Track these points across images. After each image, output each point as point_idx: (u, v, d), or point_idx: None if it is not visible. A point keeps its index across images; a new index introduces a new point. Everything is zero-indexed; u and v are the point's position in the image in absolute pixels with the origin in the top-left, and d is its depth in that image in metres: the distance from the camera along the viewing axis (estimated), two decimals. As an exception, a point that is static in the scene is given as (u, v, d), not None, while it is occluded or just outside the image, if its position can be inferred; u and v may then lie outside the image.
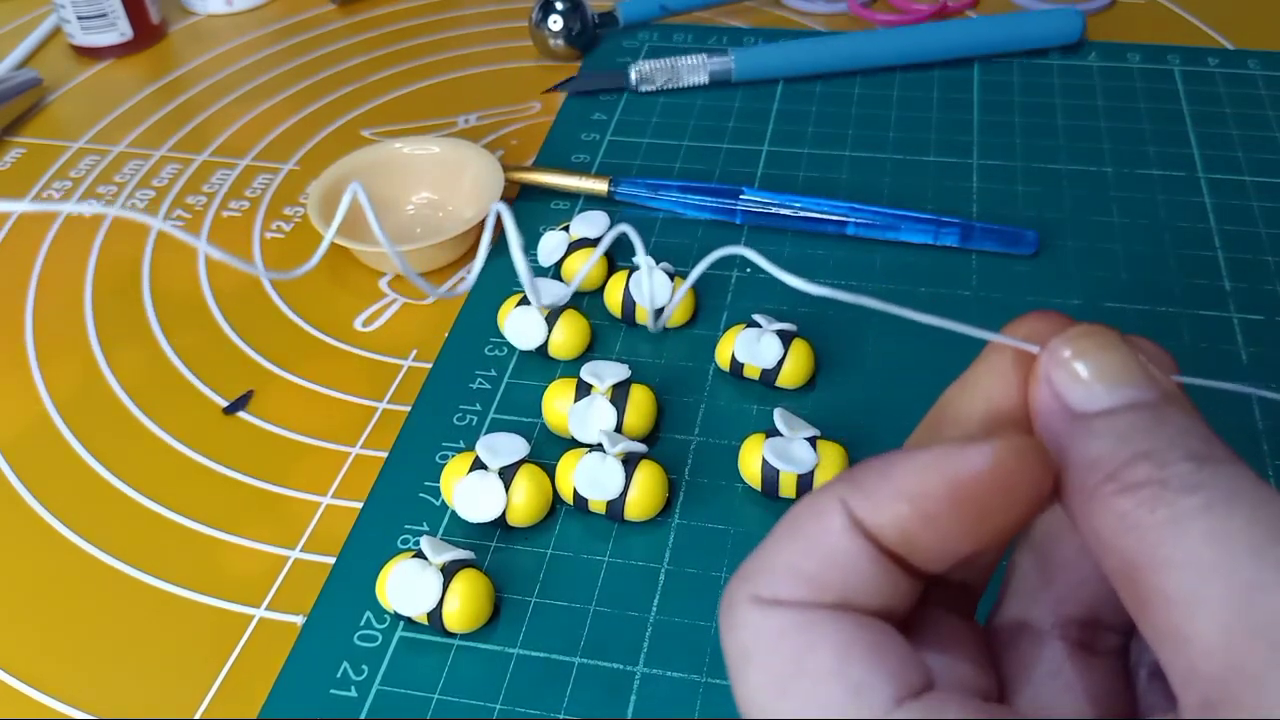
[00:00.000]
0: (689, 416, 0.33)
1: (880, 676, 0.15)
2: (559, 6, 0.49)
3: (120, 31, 0.54)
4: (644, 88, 0.46)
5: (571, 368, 0.34)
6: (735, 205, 0.39)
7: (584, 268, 0.22)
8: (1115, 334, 0.17)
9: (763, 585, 0.16)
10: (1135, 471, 0.15)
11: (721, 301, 0.37)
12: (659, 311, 0.34)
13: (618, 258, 0.38)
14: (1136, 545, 0.15)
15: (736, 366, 0.33)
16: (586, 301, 0.37)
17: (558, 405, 0.32)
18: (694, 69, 0.46)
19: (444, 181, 0.42)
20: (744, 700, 0.16)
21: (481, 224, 0.39)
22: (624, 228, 0.21)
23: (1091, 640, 0.18)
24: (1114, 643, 0.18)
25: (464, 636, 0.28)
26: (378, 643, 0.28)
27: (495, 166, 0.40)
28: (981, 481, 0.16)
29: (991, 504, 0.16)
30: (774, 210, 0.39)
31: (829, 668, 0.15)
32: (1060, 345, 0.17)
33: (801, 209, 0.39)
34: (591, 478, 0.29)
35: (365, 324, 0.38)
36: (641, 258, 0.22)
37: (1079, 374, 0.16)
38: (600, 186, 0.41)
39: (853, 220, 0.38)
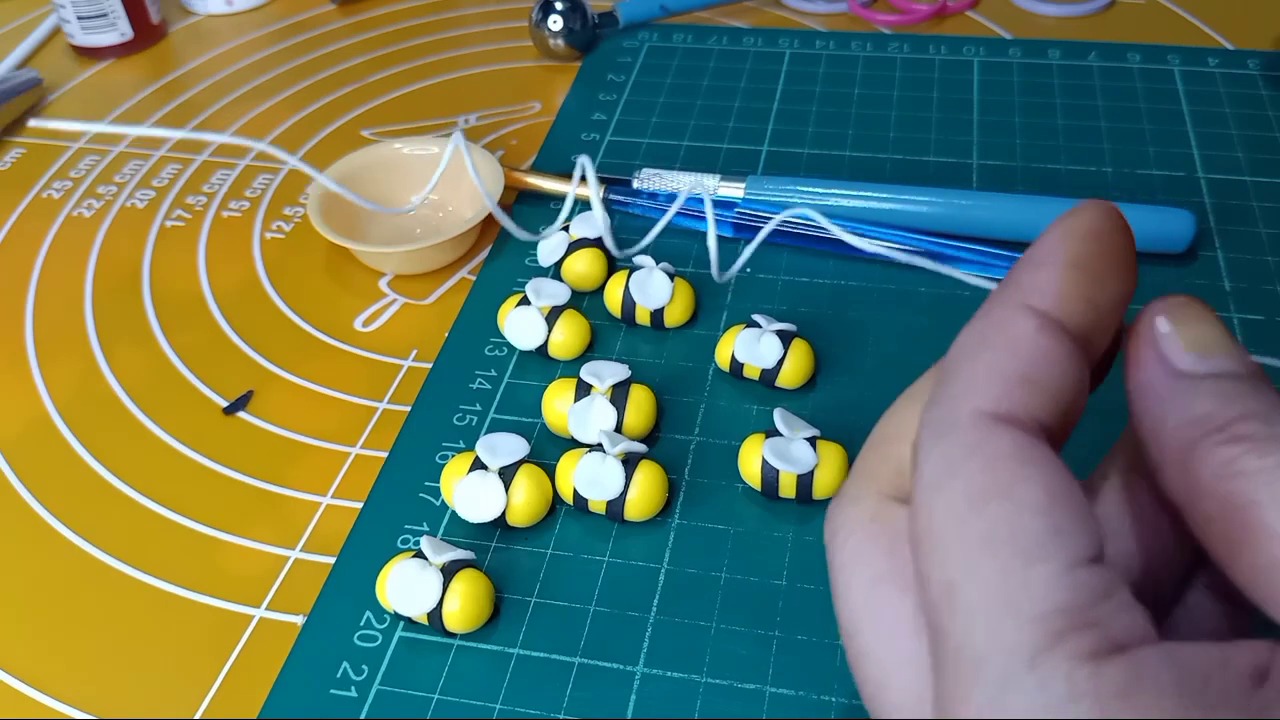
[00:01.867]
0: (689, 416, 0.33)
1: (1079, 529, 0.16)
2: (559, 6, 0.49)
3: (120, 31, 0.54)
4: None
5: (571, 368, 0.34)
6: (728, 216, 0.39)
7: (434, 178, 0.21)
8: (1208, 306, 0.18)
9: (985, 398, 0.17)
10: (1244, 426, 0.16)
11: (721, 301, 0.37)
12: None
13: (618, 258, 0.38)
14: (1242, 487, 0.16)
15: (736, 366, 0.33)
16: (586, 301, 0.37)
17: (558, 405, 0.32)
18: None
19: (444, 181, 0.42)
20: (938, 507, 0.16)
21: (480, 225, 0.39)
22: (582, 159, 0.22)
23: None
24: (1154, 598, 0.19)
25: (464, 636, 0.28)
26: (378, 643, 0.28)
27: (495, 166, 0.40)
28: (1111, 218, 0.18)
29: (1121, 245, 0.18)
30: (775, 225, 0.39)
31: (1037, 502, 0.16)
32: (1164, 307, 0.18)
33: (803, 223, 0.38)
34: (591, 478, 0.29)
35: (365, 324, 0.38)
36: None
37: (1181, 337, 0.18)
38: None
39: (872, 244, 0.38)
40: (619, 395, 0.31)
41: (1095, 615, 0.15)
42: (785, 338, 0.33)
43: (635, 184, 0.41)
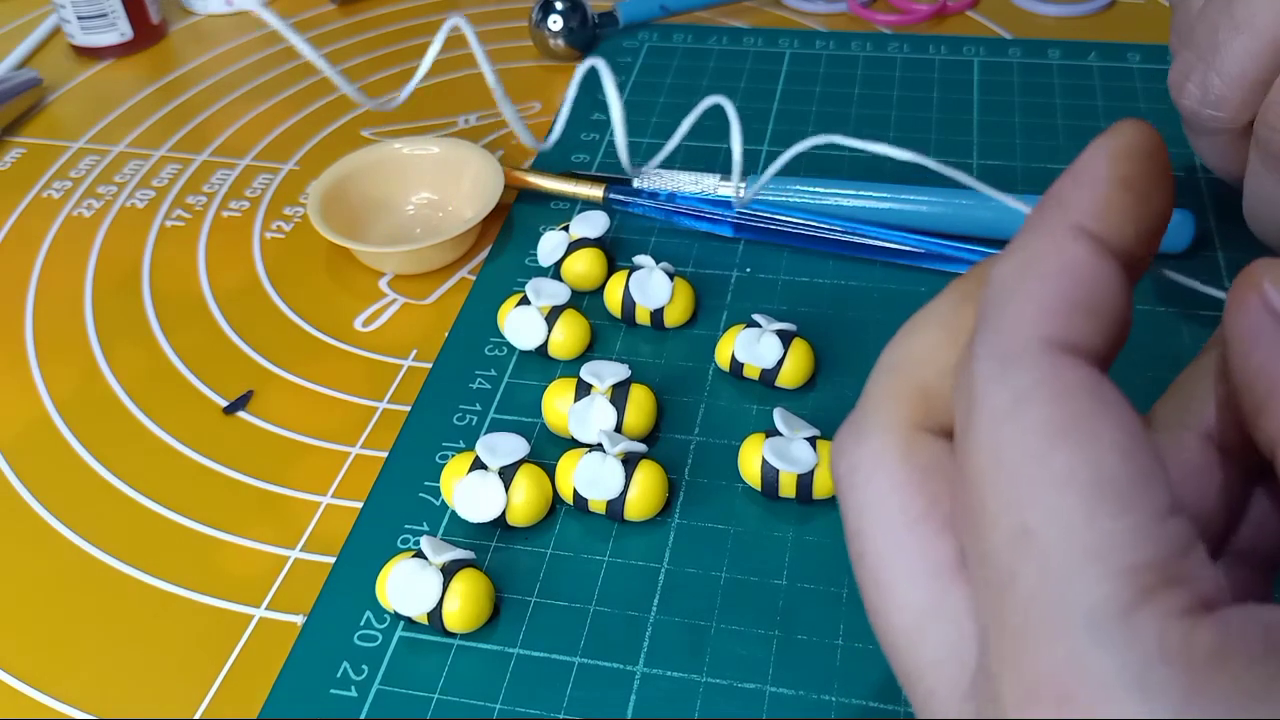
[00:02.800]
0: (689, 416, 0.33)
1: (1160, 477, 0.15)
2: (559, 6, 0.49)
3: (120, 31, 0.54)
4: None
5: (571, 368, 0.34)
6: (728, 216, 0.39)
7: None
8: None
9: (1049, 326, 0.15)
10: None
11: (721, 301, 0.37)
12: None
13: (618, 258, 0.38)
14: None
15: (736, 366, 0.34)
16: (586, 301, 0.37)
17: (558, 405, 0.32)
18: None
19: (444, 181, 0.42)
20: (1006, 440, 0.15)
21: (480, 225, 0.39)
22: (597, 62, 0.22)
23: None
24: None
25: (464, 636, 0.28)
26: (378, 643, 0.28)
27: (495, 166, 0.40)
28: (1152, 135, 0.17)
29: (1163, 163, 0.17)
30: (772, 226, 0.39)
31: (1118, 443, 0.15)
32: (1268, 266, 0.17)
33: (801, 223, 0.38)
34: (591, 478, 0.29)
35: (365, 324, 0.38)
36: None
37: None
38: (595, 192, 0.41)
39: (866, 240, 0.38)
40: (619, 395, 0.31)
41: (1183, 570, 0.14)
42: (785, 338, 0.33)
43: (636, 183, 0.41)
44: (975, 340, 0.16)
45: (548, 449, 0.32)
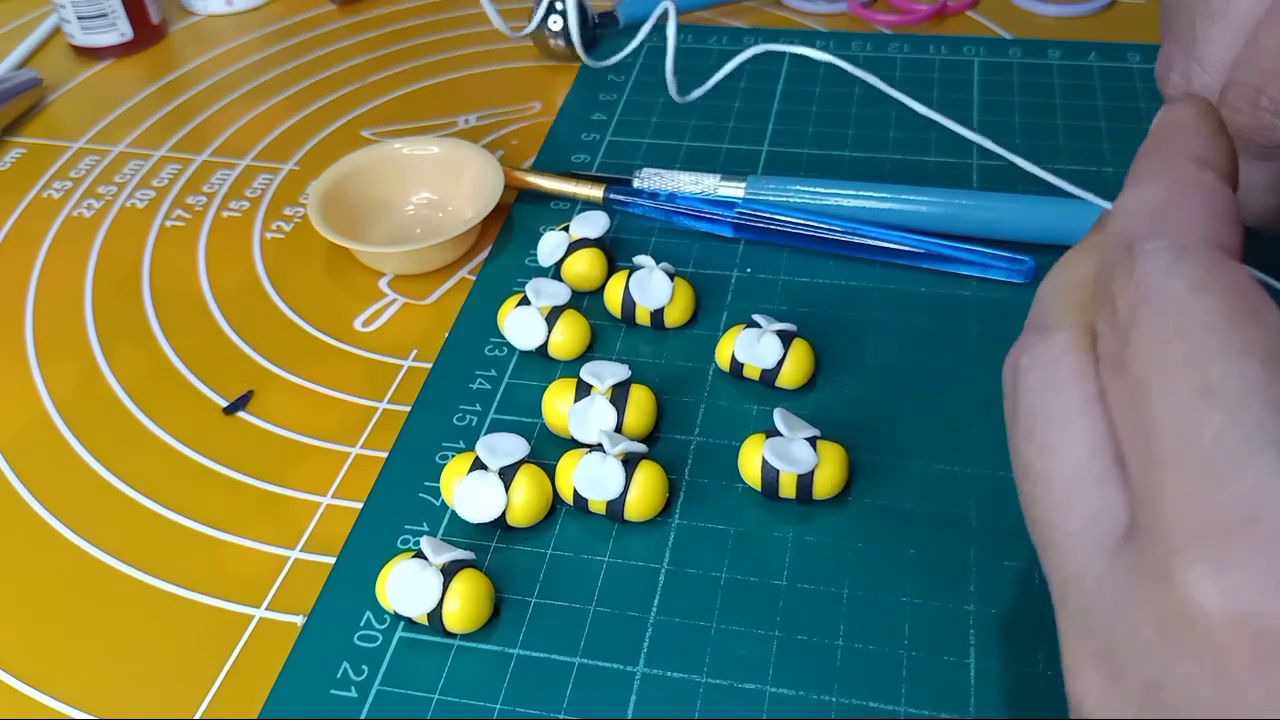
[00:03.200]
0: (689, 416, 0.33)
1: None
2: (559, 7, 0.49)
3: (120, 31, 0.54)
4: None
5: (571, 368, 0.34)
6: (728, 216, 0.39)
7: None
8: None
9: (1206, 230, 0.18)
10: None
11: (721, 301, 0.37)
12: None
13: (618, 258, 0.38)
14: None
15: (736, 366, 0.34)
16: (586, 301, 0.37)
17: (558, 405, 0.32)
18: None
19: (444, 181, 0.42)
20: (1184, 314, 0.17)
21: (480, 225, 0.39)
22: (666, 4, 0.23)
23: None
24: None
25: (464, 636, 0.28)
26: (378, 643, 0.28)
27: (495, 166, 0.40)
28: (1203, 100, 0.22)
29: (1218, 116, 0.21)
30: (772, 226, 0.39)
31: (1275, 319, 0.17)
32: None
33: (801, 223, 0.38)
34: (591, 478, 0.29)
35: (365, 324, 0.38)
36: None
37: None
38: (595, 192, 0.41)
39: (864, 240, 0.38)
40: (619, 395, 0.31)
41: None
42: (785, 338, 0.33)
43: (635, 183, 0.41)
44: (1136, 245, 0.18)
45: (548, 449, 0.32)
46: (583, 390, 0.32)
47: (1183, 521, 0.16)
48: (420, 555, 0.28)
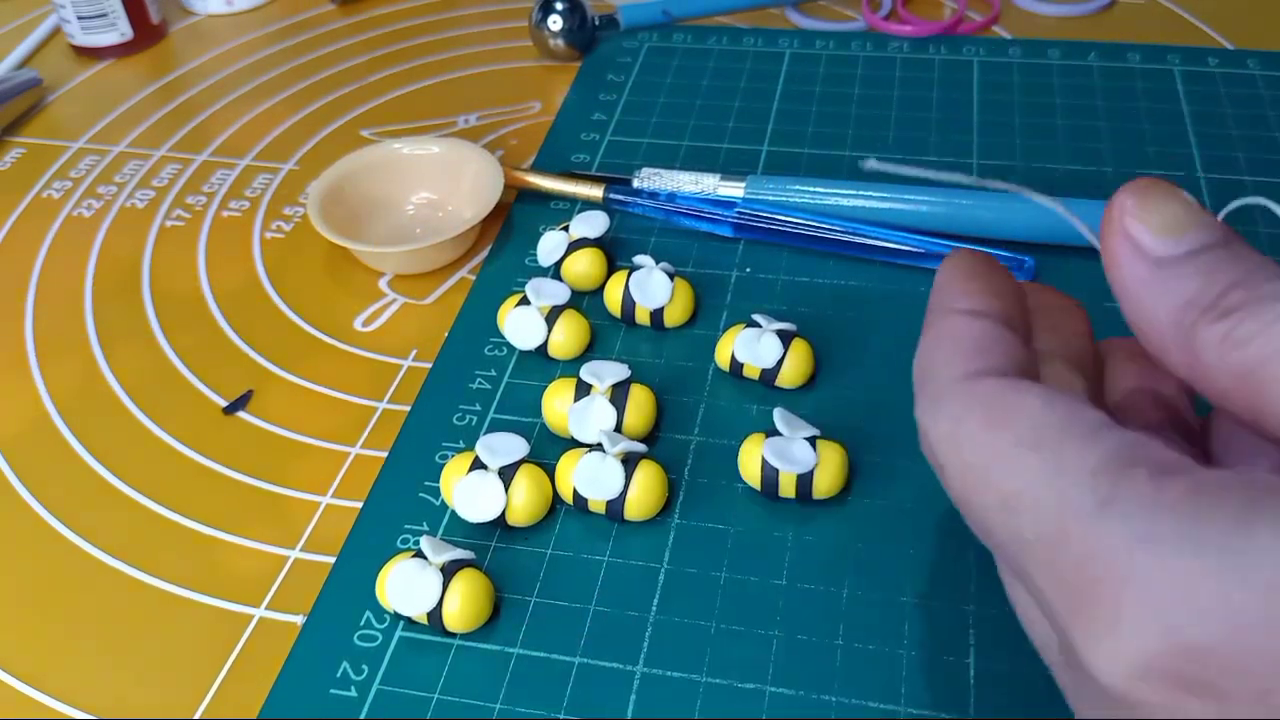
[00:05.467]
0: (689, 416, 0.33)
1: (1088, 410, 0.18)
2: (559, 6, 0.49)
3: (120, 31, 0.54)
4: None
5: (571, 368, 0.34)
6: (728, 216, 0.39)
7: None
8: (1171, 183, 0.19)
9: (954, 369, 0.20)
10: (1231, 298, 0.17)
11: (721, 301, 0.37)
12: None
13: (618, 258, 0.38)
14: (1247, 354, 0.17)
15: (736, 366, 0.33)
16: (587, 301, 0.37)
17: (558, 405, 0.32)
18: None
19: (444, 181, 0.42)
20: (961, 451, 0.19)
21: (480, 225, 0.39)
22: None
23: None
24: None
25: (464, 636, 0.28)
26: (378, 643, 0.28)
27: (495, 166, 0.40)
28: (967, 253, 0.23)
29: (984, 258, 0.22)
30: (772, 226, 0.39)
31: (1038, 405, 0.18)
32: (1128, 197, 0.19)
33: (801, 222, 0.38)
34: (591, 478, 0.29)
35: (365, 324, 0.38)
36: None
37: (1151, 224, 0.19)
38: (595, 192, 0.41)
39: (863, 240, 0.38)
40: (619, 395, 0.31)
41: (1136, 455, 0.16)
42: (785, 338, 0.33)
43: (635, 183, 0.41)
44: (916, 411, 0.20)
45: (548, 449, 0.32)
46: (582, 390, 0.32)
47: (1057, 611, 0.17)
48: (420, 555, 0.28)
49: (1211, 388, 0.18)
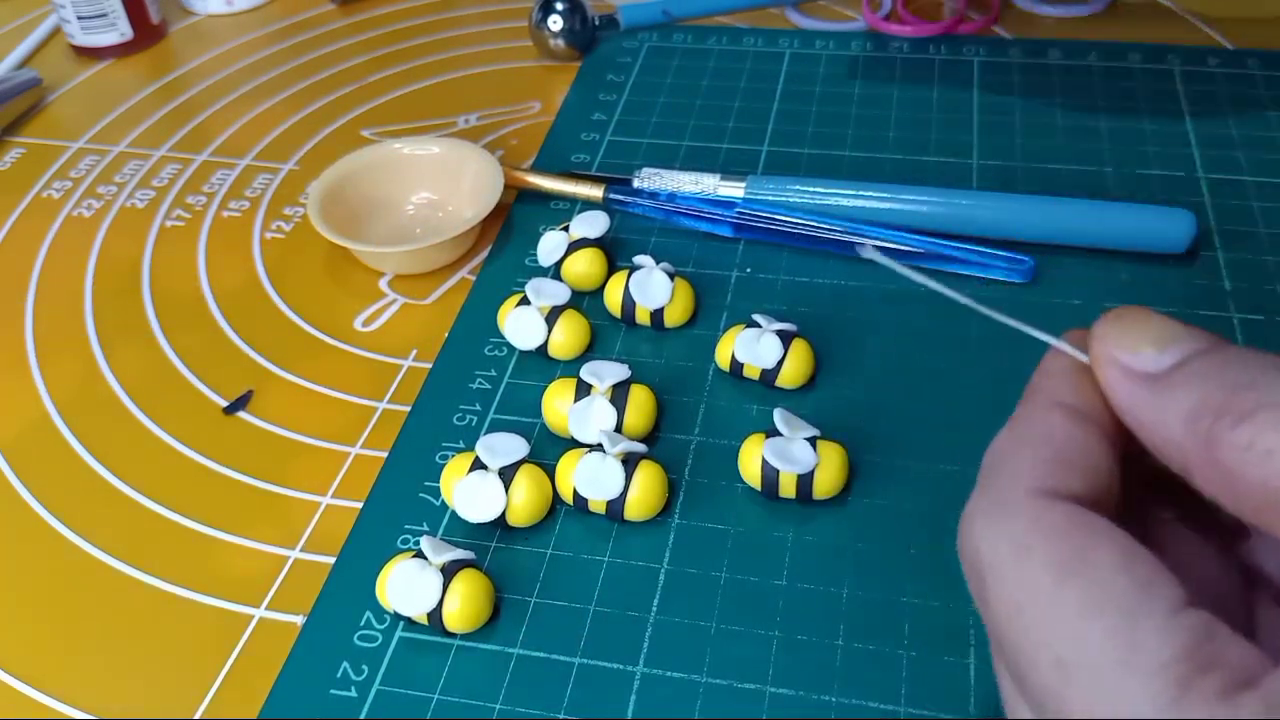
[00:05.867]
0: (689, 416, 0.33)
1: (1164, 578, 0.16)
2: (559, 6, 0.49)
3: (120, 31, 0.54)
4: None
5: (571, 368, 0.34)
6: (728, 216, 0.39)
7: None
8: (1143, 307, 0.19)
9: (1031, 480, 0.18)
10: (1243, 400, 0.16)
11: (721, 301, 0.37)
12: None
13: (618, 258, 0.38)
14: (1276, 466, 0.16)
15: (736, 366, 0.33)
16: (587, 301, 0.37)
17: (558, 405, 0.32)
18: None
19: (444, 181, 0.42)
20: (1019, 586, 0.17)
21: (480, 225, 0.39)
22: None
23: None
24: None
25: (464, 636, 0.28)
26: (378, 643, 0.28)
27: (495, 166, 0.40)
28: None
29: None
30: (772, 226, 0.39)
31: (1115, 562, 0.16)
32: (1107, 327, 0.19)
33: (801, 223, 0.38)
34: (591, 478, 0.29)
35: (365, 324, 0.38)
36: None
37: (1136, 346, 0.18)
38: (595, 192, 0.41)
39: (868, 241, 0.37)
40: (619, 395, 0.31)
41: (1212, 654, 0.15)
42: (785, 338, 0.33)
43: (636, 183, 0.41)
44: (971, 504, 0.18)
45: (548, 449, 0.32)
46: (583, 390, 0.32)
47: None
48: (420, 555, 0.28)
49: (1246, 504, 0.17)
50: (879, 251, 0.21)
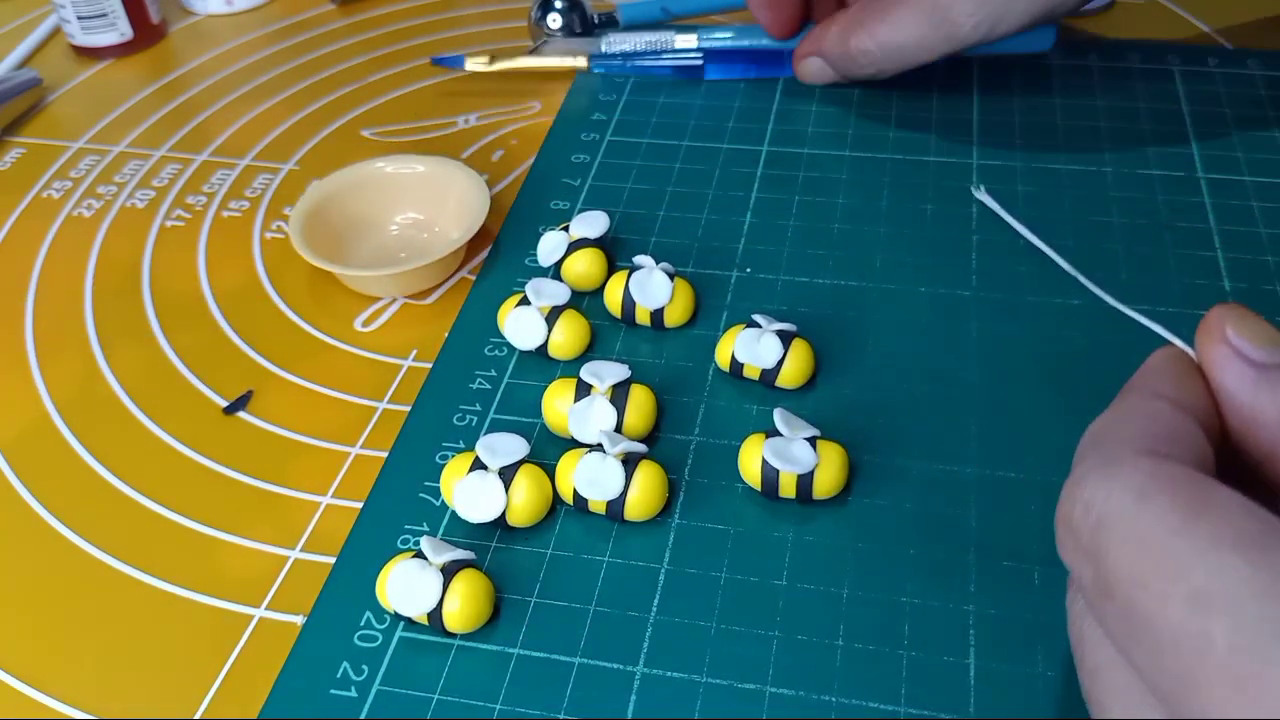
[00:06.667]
0: (689, 416, 0.33)
1: (1275, 520, 0.17)
2: (558, 5, 0.49)
3: (120, 31, 0.54)
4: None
5: (571, 368, 0.34)
6: (696, 56, 0.46)
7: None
8: (1255, 313, 0.21)
9: (1142, 443, 0.19)
10: None
11: (721, 301, 0.37)
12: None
13: (618, 257, 0.38)
14: None
15: (736, 366, 0.34)
16: (586, 301, 0.37)
17: (558, 405, 0.32)
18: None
19: (429, 201, 0.41)
20: (1147, 528, 0.17)
21: (466, 247, 0.38)
22: None
23: None
24: None
25: (464, 636, 0.28)
26: (378, 643, 0.28)
27: (481, 185, 0.39)
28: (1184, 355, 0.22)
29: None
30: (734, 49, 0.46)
31: (1239, 504, 0.17)
32: (1225, 313, 0.21)
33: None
34: (591, 478, 0.29)
35: (365, 324, 0.38)
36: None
37: (1251, 337, 0.20)
38: (580, 62, 0.47)
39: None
40: (619, 395, 0.31)
41: None
42: (785, 338, 0.33)
43: (604, 47, 0.47)
44: (1077, 472, 0.19)
45: (548, 449, 0.32)
46: (583, 390, 0.32)
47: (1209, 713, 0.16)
48: (420, 555, 0.28)
49: None
50: (989, 196, 0.24)
